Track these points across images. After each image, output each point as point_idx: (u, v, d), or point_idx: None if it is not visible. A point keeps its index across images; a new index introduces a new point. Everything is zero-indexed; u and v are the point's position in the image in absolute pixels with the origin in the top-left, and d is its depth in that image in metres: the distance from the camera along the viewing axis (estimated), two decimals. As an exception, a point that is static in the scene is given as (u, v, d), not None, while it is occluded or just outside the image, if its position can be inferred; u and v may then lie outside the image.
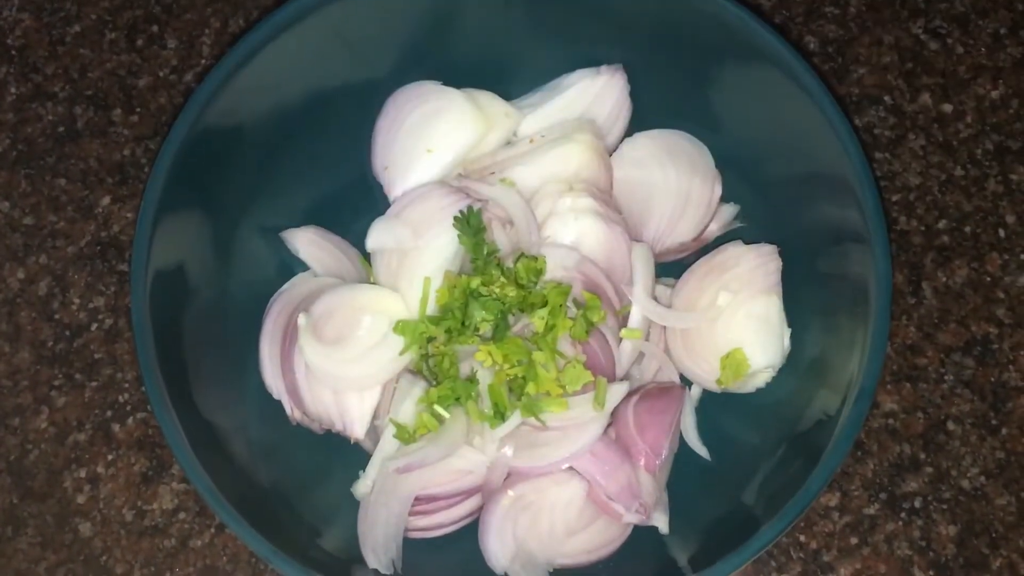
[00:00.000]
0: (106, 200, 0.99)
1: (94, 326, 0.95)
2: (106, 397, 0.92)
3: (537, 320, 0.79)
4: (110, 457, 0.90)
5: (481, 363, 0.78)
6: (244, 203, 0.87)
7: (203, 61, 1.04)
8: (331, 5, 0.85)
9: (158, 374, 0.75)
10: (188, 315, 0.81)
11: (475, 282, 0.80)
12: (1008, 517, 0.87)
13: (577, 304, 0.81)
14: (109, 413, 0.92)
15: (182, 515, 0.89)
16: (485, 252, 0.82)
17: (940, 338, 0.93)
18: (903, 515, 0.88)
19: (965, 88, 1.01)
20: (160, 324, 0.77)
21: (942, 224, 0.97)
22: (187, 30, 1.05)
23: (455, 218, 0.82)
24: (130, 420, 0.91)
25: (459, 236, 0.82)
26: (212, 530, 0.88)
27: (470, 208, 0.82)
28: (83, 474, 0.90)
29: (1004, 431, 0.90)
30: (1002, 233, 0.96)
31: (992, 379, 0.91)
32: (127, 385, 0.93)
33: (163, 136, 1.01)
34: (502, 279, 0.81)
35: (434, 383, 0.81)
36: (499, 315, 0.79)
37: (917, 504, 0.88)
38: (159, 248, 0.78)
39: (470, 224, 0.82)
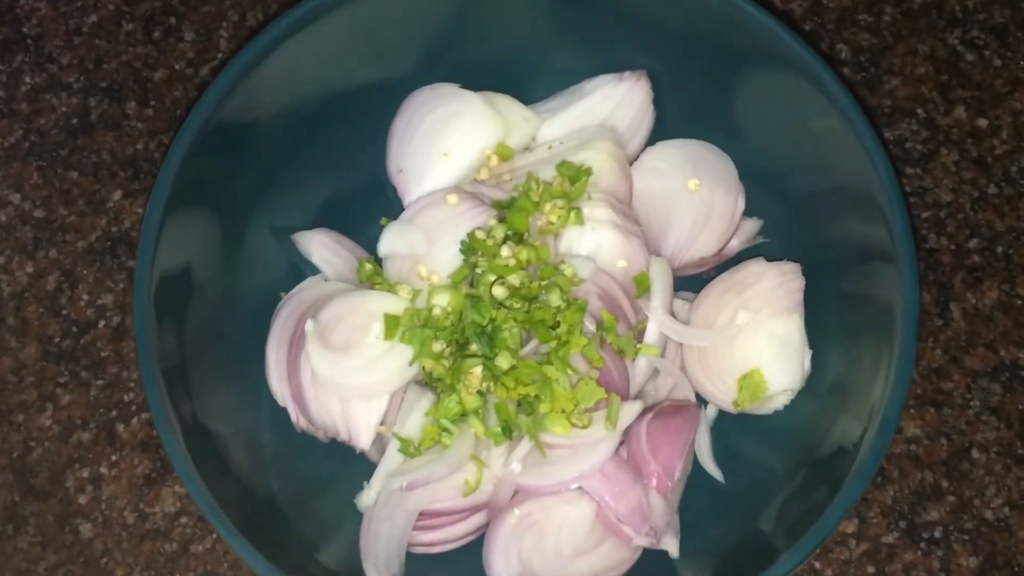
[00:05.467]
0: (118, 195, 0.98)
1: (102, 323, 0.93)
2: (111, 396, 0.91)
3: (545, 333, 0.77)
4: (113, 458, 0.89)
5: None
6: (255, 201, 0.86)
7: (220, 55, 1.02)
8: (350, 3, 0.83)
9: (159, 379, 0.73)
10: (193, 315, 0.80)
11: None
12: (1032, 550, 0.85)
13: (595, 322, 0.79)
14: (114, 413, 0.90)
15: (184, 519, 0.87)
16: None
17: (967, 362, 0.90)
18: (922, 545, 0.85)
19: (1001, 102, 0.98)
20: (165, 325, 0.76)
21: (973, 243, 0.93)
22: (204, 23, 1.04)
23: (462, 242, 0.81)
24: (134, 420, 0.90)
25: (465, 260, 0.81)
26: (213, 535, 0.87)
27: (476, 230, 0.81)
28: (86, 474, 0.89)
29: (1031, 460, 0.87)
30: (1035, 254, 0.93)
31: (1020, 406, 0.88)
32: (132, 384, 0.91)
33: (177, 131, 0.99)
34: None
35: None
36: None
37: (937, 534, 0.85)
38: (166, 246, 0.77)
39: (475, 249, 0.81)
